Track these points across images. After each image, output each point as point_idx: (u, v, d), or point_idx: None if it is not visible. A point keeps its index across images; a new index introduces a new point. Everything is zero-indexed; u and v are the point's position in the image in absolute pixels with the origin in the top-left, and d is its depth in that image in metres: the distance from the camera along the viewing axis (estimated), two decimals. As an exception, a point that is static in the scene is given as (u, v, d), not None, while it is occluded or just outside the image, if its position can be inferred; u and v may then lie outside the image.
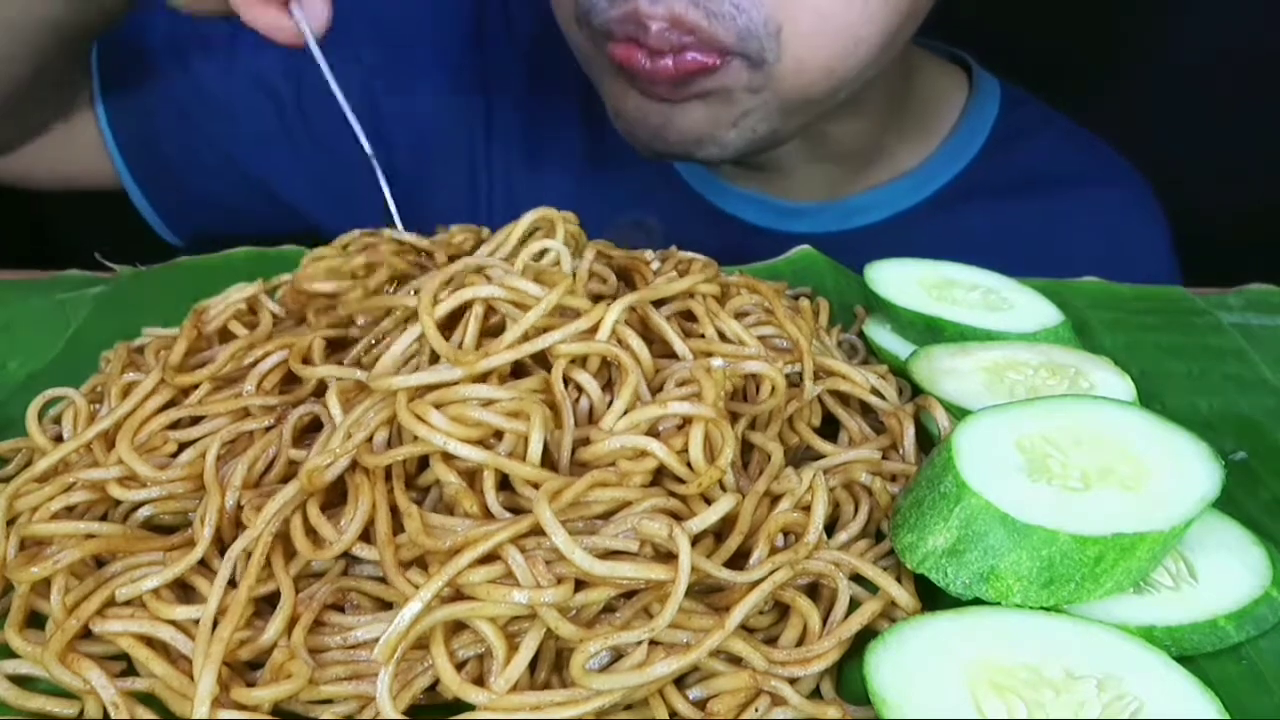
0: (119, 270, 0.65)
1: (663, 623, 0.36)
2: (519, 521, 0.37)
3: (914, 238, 0.62)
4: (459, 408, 0.41)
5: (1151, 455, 0.42)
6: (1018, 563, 0.38)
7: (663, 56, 0.61)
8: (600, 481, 0.40)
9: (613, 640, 0.36)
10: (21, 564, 0.39)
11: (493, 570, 0.37)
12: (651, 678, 0.35)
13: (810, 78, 0.63)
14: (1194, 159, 0.99)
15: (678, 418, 0.42)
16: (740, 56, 0.61)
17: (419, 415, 0.40)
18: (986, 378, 0.51)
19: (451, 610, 0.36)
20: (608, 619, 0.38)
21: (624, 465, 0.41)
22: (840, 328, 0.59)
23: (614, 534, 0.38)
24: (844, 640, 0.38)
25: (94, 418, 0.46)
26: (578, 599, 0.37)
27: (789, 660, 0.37)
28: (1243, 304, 0.64)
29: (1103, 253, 0.77)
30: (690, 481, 0.41)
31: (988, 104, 0.84)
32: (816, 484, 0.42)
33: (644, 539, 0.38)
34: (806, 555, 0.40)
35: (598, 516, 0.40)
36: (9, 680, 0.38)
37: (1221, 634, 0.39)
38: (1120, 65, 1.08)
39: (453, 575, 0.36)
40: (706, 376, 0.44)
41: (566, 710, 0.35)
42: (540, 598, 0.36)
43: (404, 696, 0.36)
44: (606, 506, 0.40)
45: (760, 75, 0.62)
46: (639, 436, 0.41)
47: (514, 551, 0.37)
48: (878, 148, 0.81)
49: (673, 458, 0.41)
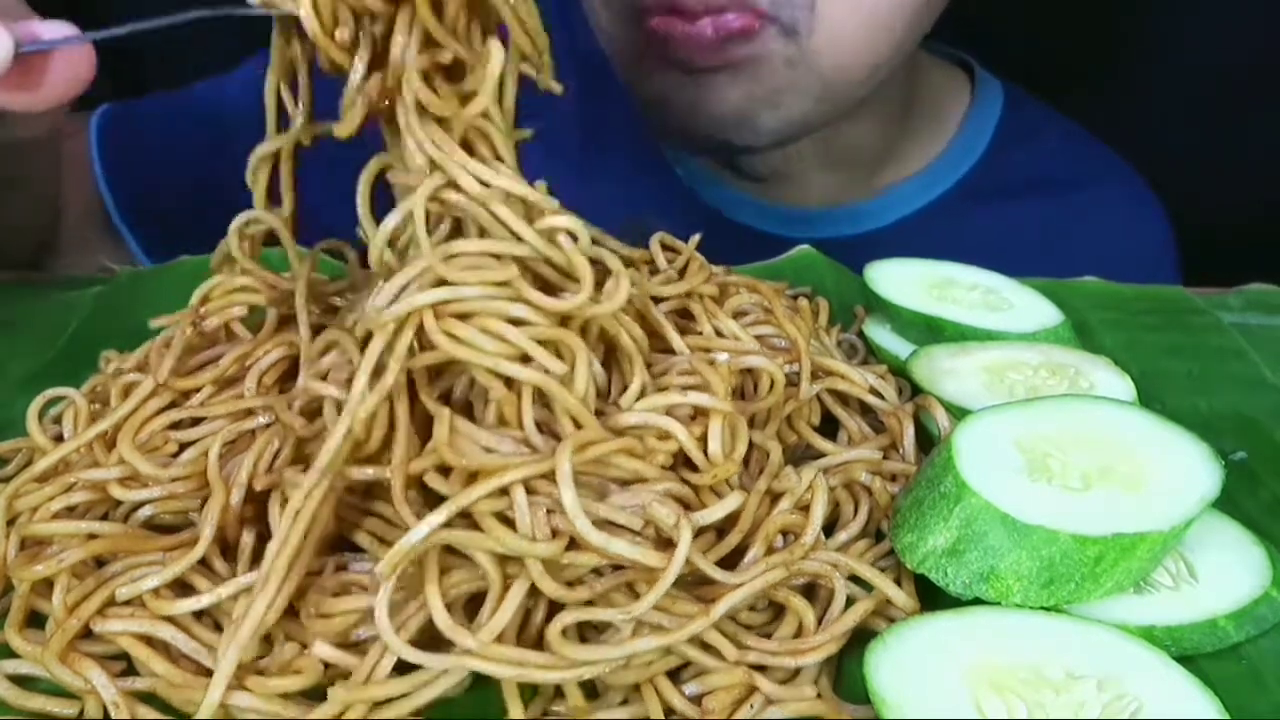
0: (119, 270, 0.65)
1: (643, 606, 0.36)
2: (537, 462, 0.37)
3: (918, 242, 0.63)
4: (492, 322, 0.39)
5: (1151, 455, 0.42)
6: (1018, 563, 0.38)
7: (701, 19, 0.61)
8: (629, 449, 0.40)
9: (592, 615, 0.36)
10: (24, 563, 0.39)
11: (500, 502, 0.37)
12: (629, 651, 0.35)
13: (845, 58, 0.64)
14: (1194, 159, 0.99)
15: (689, 409, 0.43)
16: (775, 22, 0.62)
17: (456, 335, 0.38)
18: (986, 378, 0.51)
19: (449, 535, 0.36)
20: (591, 581, 0.38)
21: (651, 443, 0.41)
22: (840, 327, 0.59)
23: (622, 505, 0.38)
24: (838, 636, 0.38)
25: (94, 418, 0.46)
26: (567, 558, 0.37)
27: (780, 650, 0.38)
28: (1243, 304, 0.64)
29: (1104, 254, 0.77)
30: (706, 472, 0.41)
31: (991, 106, 0.84)
32: (817, 484, 0.42)
33: (649, 520, 0.38)
34: (803, 556, 0.40)
35: (613, 480, 0.40)
36: (9, 680, 0.38)
37: (1221, 634, 0.39)
38: (1121, 65, 1.08)
39: (463, 505, 0.36)
40: (711, 370, 0.44)
41: (546, 674, 0.35)
42: (532, 549, 0.36)
43: (400, 636, 0.36)
44: (624, 475, 0.40)
45: (794, 47, 0.63)
46: (662, 417, 0.41)
47: (521, 493, 0.37)
48: (884, 152, 0.81)
49: (694, 444, 0.41)
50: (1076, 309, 0.60)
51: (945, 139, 0.83)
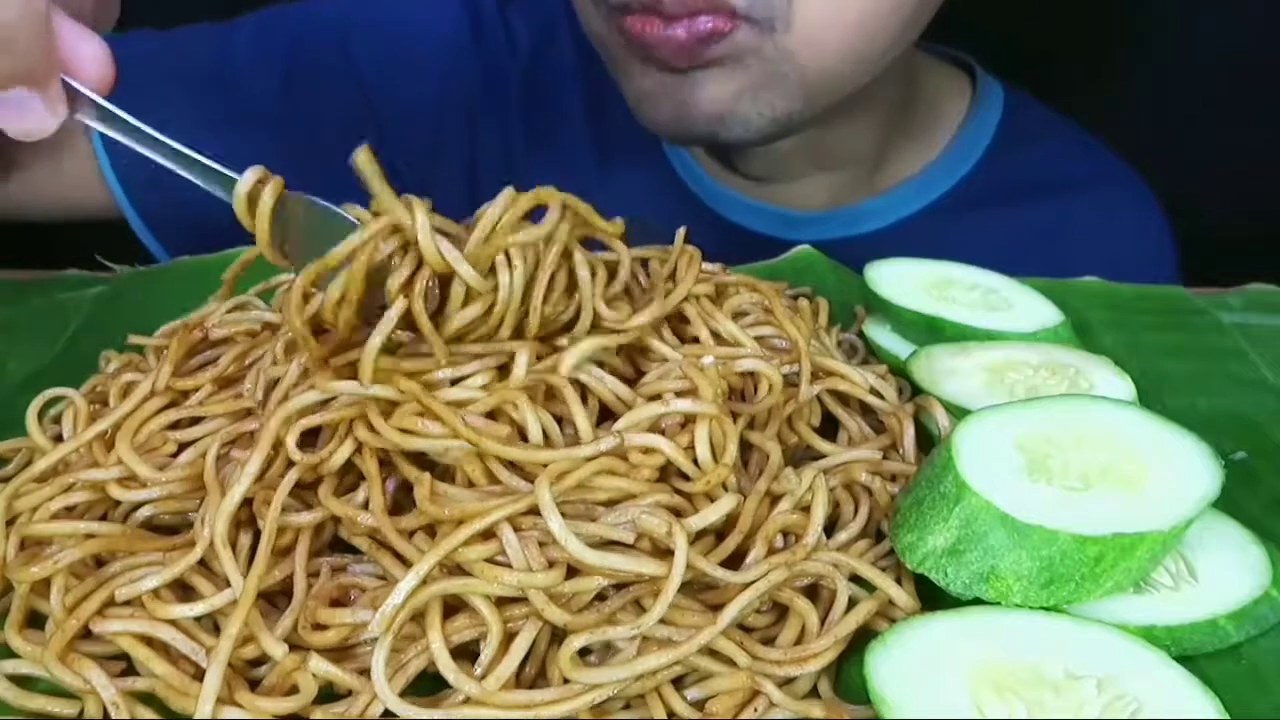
0: (119, 270, 0.65)
1: (651, 619, 0.36)
2: (517, 500, 0.37)
3: (918, 244, 0.63)
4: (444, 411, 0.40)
5: (1151, 455, 0.42)
6: (1018, 563, 0.38)
7: (677, 23, 0.62)
8: (608, 469, 0.40)
9: (600, 636, 0.36)
10: (22, 564, 0.39)
11: (489, 548, 0.37)
12: (639, 671, 0.35)
13: (827, 55, 0.64)
14: (1194, 159, 0.99)
15: (680, 416, 0.42)
16: (749, 20, 0.62)
17: (409, 430, 0.40)
18: (986, 378, 0.51)
19: (447, 585, 0.36)
20: (598, 606, 0.38)
21: (635, 458, 0.41)
22: (840, 328, 0.59)
23: (613, 523, 0.38)
24: (840, 639, 0.38)
25: (94, 418, 0.46)
26: (569, 585, 0.37)
27: (785, 659, 0.37)
28: (1243, 304, 0.64)
29: (1104, 256, 0.77)
30: (697, 479, 0.41)
31: (991, 108, 0.84)
32: (817, 485, 0.42)
33: (641, 533, 0.38)
34: (805, 557, 0.40)
35: (600, 504, 0.40)
36: (9, 680, 0.38)
37: (1221, 634, 0.39)
38: (1121, 67, 1.08)
39: (448, 551, 0.36)
40: (699, 374, 0.44)
41: (557, 709, 0.35)
42: (531, 581, 0.36)
43: (398, 680, 0.36)
44: (610, 495, 0.40)
45: (772, 43, 0.63)
46: (642, 434, 0.41)
47: (509, 531, 0.37)
48: (882, 154, 0.81)
49: (680, 454, 0.41)
50: (1076, 309, 0.60)
51: (945, 140, 0.83)
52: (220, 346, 0.49)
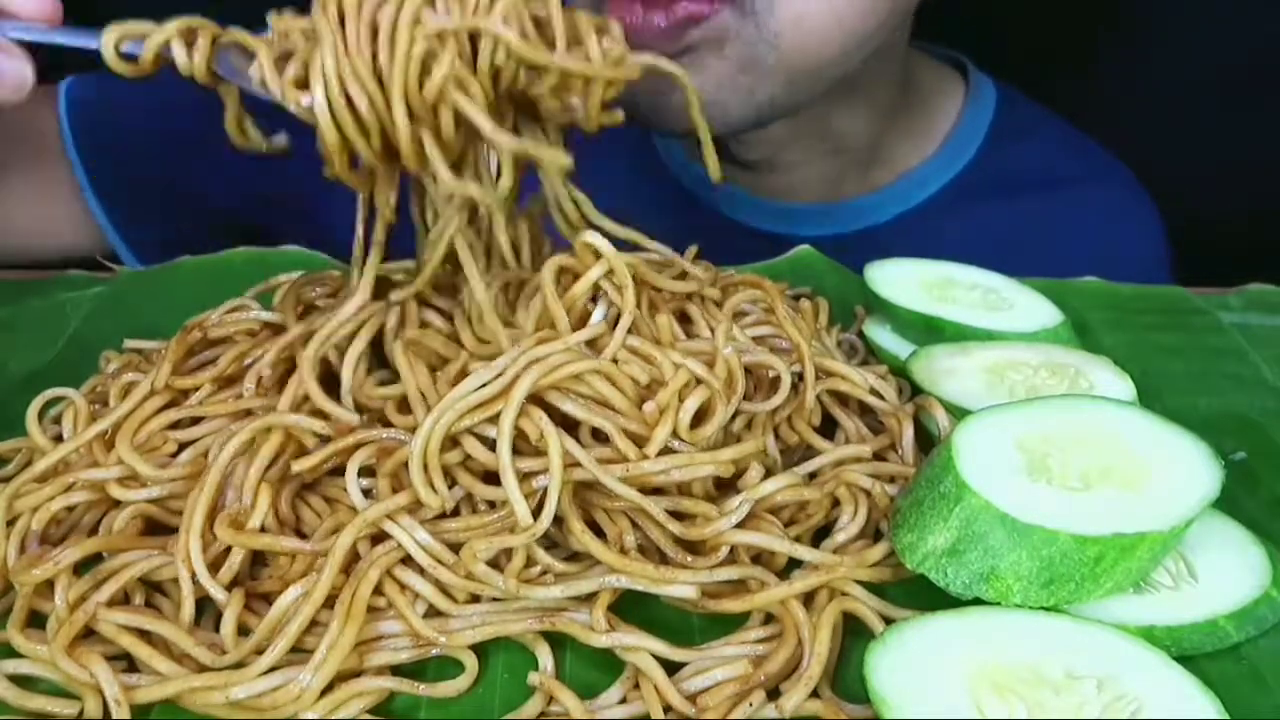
0: (119, 270, 0.65)
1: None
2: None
3: (912, 239, 0.63)
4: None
5: (1151, 455, 0.42)
6: (1018, 563, 0.38)
7: (656, 9, 0.62)
8: (606, 373, 0.43)
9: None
10: (24, 567, 0.39)
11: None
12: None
13: (810, 38, 0.64)
14: (1194, 159, 0.99)
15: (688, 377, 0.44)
16: (729, 3, 0.62)
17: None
18: (986, 378, 0.51)
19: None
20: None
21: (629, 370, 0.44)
22: (840, 328, 0.59)
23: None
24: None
25: (94, 418, 0.46)
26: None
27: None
28: (1243, 304, 0.64)
29: (1097, 253, 0.77)
30: (650, 418, 0.43)
31: (985, 105, 0.84)
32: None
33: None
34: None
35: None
36: (9, 680, 0.38)
37: (1221, 634, 0.39)
38: (1118, 65, 1.08)
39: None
40: (719, 356, 0.45)
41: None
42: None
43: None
44: (595, 397, 0.43)
45: (752, 25, 0.63)
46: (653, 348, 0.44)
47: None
48: (877, 148, 0.81)
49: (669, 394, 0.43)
50: (1076, 309, 0.60)
51: (939, 137, 0.83)
52: (219, 346, 0.49)
